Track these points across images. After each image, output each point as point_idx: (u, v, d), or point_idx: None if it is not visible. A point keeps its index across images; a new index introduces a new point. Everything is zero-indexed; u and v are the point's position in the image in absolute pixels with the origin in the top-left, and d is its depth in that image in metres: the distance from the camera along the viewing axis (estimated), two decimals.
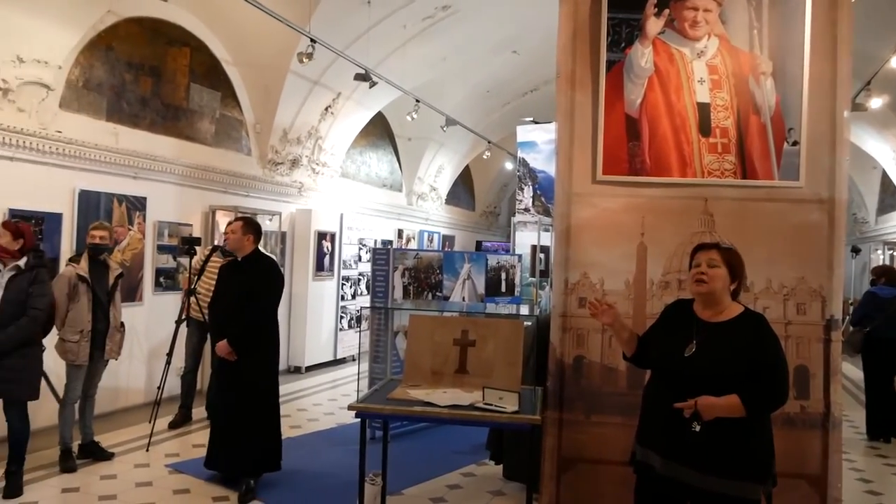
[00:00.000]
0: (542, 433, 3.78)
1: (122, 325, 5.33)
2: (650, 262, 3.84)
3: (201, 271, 6.39)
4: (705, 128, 3.83)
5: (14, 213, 5.55)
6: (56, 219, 5.97)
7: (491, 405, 3.63)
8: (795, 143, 3.77)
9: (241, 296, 4.68)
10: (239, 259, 4.90)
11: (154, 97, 7.12)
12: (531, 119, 10.52)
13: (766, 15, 3.82)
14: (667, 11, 3.87)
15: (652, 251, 3.84)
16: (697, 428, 2.59)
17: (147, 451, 5.53)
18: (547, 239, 9.26)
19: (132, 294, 6.70)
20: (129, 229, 6.77)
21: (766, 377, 2.61)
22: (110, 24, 6.47)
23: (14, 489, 4.48)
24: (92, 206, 6.34)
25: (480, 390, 3.75)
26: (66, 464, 4.99)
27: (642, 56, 3.87)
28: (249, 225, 4.93)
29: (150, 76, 7.05)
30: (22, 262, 4.49)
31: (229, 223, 5.07)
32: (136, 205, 6.85)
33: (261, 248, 8.33)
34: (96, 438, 5.36)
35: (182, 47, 7.47)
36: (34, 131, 5.76)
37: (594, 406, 3.86)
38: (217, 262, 6.40)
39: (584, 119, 3.91)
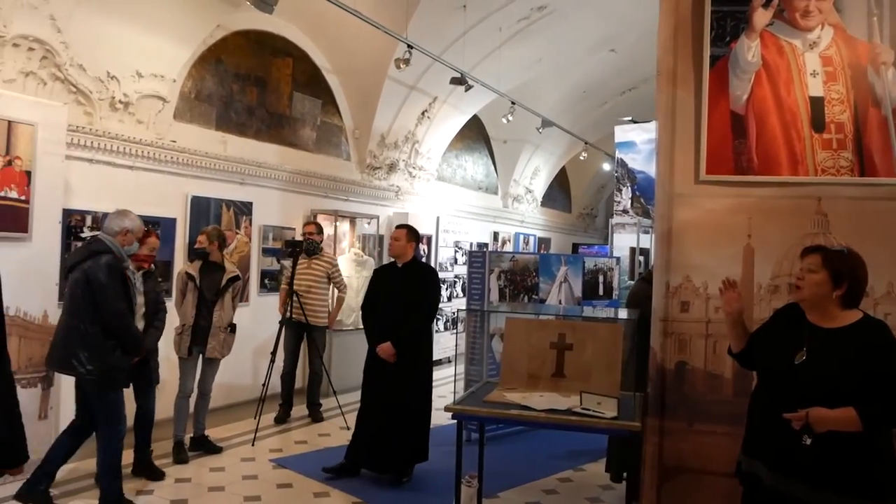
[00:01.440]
0: (641, 441, 3.68)
1: (232, 325, 5.53)
2: (758, 265, 3.67)
3: (293, 273, 6.60)
4: (818, 123, 3.62)
5: None
6: (170, 223, 6.33)
7: (589, 410, 3.57)
8: None
9: (406, 301, 4.90)
10: (399, 265, 5.09)
11: (259, 106, 7.43)
12: (630, 118, 10.29)
13: (887, 1, 3.57)
14: (776, 2, 3.68)
15: (760, 254, 3.66)
16: (808, 441, 2.44)
17: (252, 445, 5.76)
18: (646, 241, 9.03)
19: (239, 295, 6.98)
20: (237, 233, 7.09)
21: (887, 390, 2.43)
22: (219, 38, 6.82)
23: (151, 471, 4.90)
24: (202, 211, 6.68)
25: (578, 395, 3.69)
26: (179, 455, 5.26)
27: (749, 50, 3.70)
28: (412, 233, 5.16)
29: (255, 86, 7.37)
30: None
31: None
32: (243, 209, 7.17)
33: (359, 251, 8.56)
34: (206, 432, 5.63)
35: (285, 57, 7.76)
36: (151, 141, 6.13)
37: (697, 414, 3.71)
38: (304, 262, 6.57)
39: (686, 117, 3.78)
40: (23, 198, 4.80)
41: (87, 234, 5.61)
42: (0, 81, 4.91)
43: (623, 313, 5.22)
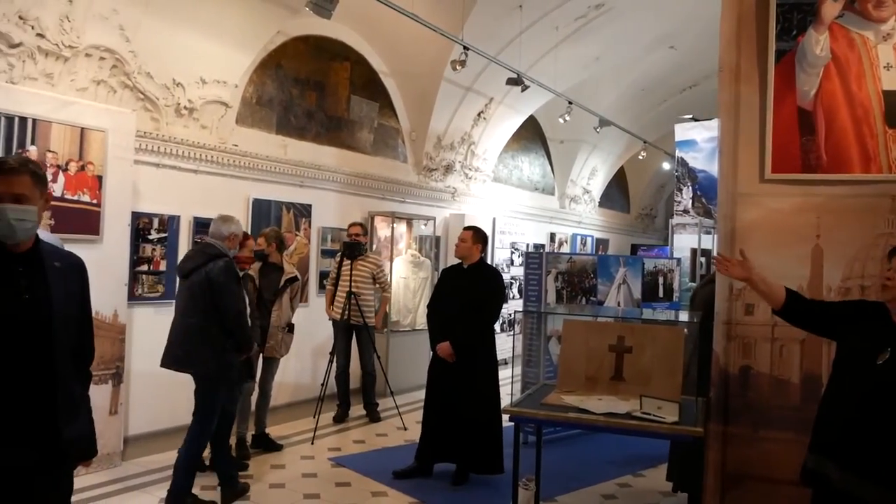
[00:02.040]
0: (704, 447, 3.59)
1: (290, 325, 5.64)
2: (827, 266, 3.53)
3: (339, 274, 6.66)
4: (893, 118, 3.46)
5: (198, 222, 6.10)
6: None
7: (649, 414, 3.50)
8: None
9: (468, 302, 4.93)
10: (465, 266, 5.11)
11: (318, 110, 7.55)
12: (690, 116, 10.08)
13: None
14: None
15: (829, 255, 3.53)
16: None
17: (312, 444, 5.85)
18: (708, 242, 8.81)
19: (298, 295, 7.10)
20: (297, 235, 7.21)
21: None
22: (279, 44, 6.96)
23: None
24: (264, 213, 6.83)
25: (637, 398, 3.63)
26: (241, 452, 5.37)
27: (817, 43, 3.57)
28: (479, 234, 5.18)
29: (314, 90, 7.49)
30: None
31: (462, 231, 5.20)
32: (303, 211, 7.30)
33: (415, 252, 8.60)
34: (267, 430, 5.74)
35: (343, 61, 7.86)
36: (214, 146, 6.30)
37: (762, 420, 3.60)
38: (347, 263, 6.61)
39: (750, 114, 3.67)
40: (94, 201, 4.99)
41: (154, 236, 5.81)
42: (74, 90, 5.13)
43: (684, 315, 5.10)
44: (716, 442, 3.64)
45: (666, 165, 15.16)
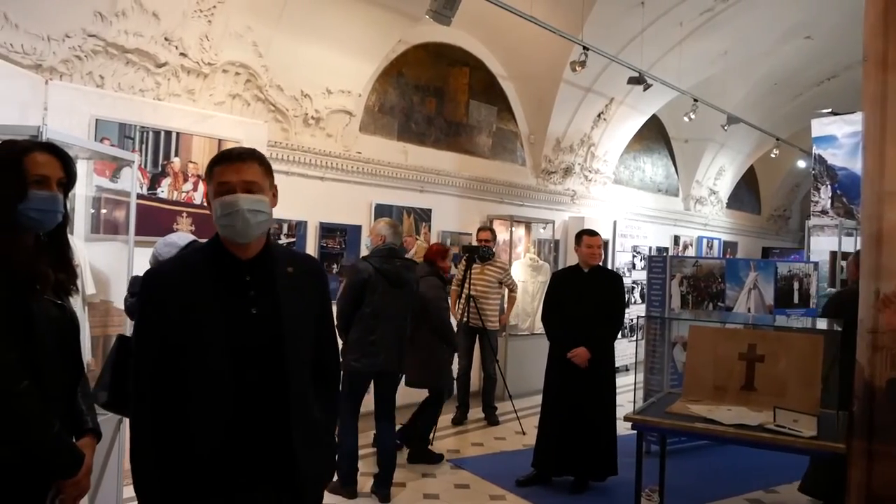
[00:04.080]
0: (847, 464, 3.34)
1: None
2: None
3: (464, 278, 6.70)
4: None
5: (323, 227, 6.35)
6: (356, 230, 6.72)
7: (784, 428, 3.30)
8: None
9: (598, 305, 4.95)
10: (585, 270, 5.09)
11: (438, 116, 7.68)
12: (829, 110, 9.46)
13: None
14: None
15: None
16: None
17: (431, 445, 5.93)
18: (849, 244, 8.22)
19: None
20: (417, 239, 7.36)
21: None
22: (400, 52, 7.14)
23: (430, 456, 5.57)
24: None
25: (770, 410, 3.44)
26: None
27: None
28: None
29: (434, 97, 7.63)
30: None
31: (590, 237, 5.09)
32: (423, 216, 7.44)
33: (534, 255, 8.55)
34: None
35: (462, 67, 7.96)
36: (339, 153, 6.55)
37: None
38: (477, 268, 6.64)
39: None
40: None
41: (283, 240, 6.10)
42: (212, 104, 5.49)
43: (821, 323, 4.78)
44: (860, 460, 3.37)
45: (801, 163, 14.28)
